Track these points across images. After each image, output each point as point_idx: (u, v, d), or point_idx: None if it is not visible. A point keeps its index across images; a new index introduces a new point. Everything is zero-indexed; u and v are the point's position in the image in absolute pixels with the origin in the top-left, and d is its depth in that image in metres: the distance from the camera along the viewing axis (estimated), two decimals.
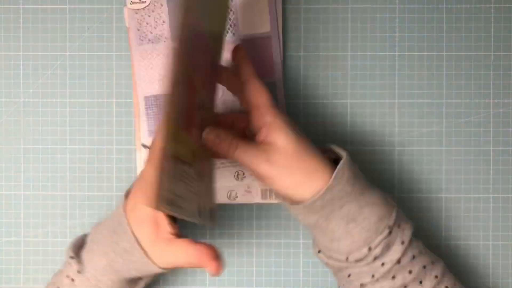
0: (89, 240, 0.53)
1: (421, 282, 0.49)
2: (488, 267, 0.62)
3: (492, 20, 0.61)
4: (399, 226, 0.50)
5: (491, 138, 0.61)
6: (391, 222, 0.49)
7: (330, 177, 0.48)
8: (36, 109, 0.62)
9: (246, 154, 0.49)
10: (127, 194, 0.52)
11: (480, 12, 0.61)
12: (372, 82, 0.61)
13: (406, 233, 0.50)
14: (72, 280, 0.51)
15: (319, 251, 0.53)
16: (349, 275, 0.51)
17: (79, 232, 0.58)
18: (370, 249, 0.49)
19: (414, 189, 0.62)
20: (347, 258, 0.50)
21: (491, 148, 0.61)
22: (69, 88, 0.62)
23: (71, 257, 0.51)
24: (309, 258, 0.62)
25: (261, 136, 0.50)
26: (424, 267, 0.50)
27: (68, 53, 0.62)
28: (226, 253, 0.62)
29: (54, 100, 0.62)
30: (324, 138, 0.62)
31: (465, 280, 0.61)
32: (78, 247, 0.53)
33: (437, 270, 0.51)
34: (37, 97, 0.62)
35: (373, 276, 0.49)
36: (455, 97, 0.62)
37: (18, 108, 0.62)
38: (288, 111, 0.61)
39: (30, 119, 0.62)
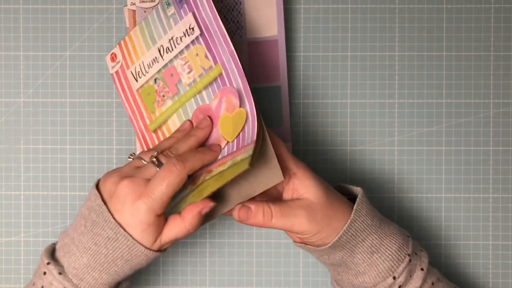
0: (62, 244, 0.51)
1: None
2: (488, 267, 0.62)
3: (492, 20, 0.61)
4: (416, 254, 0.52)
5: (491, 138, 0.61)
6: (410, 250, 0.52)
7: (350, 214, 0.50)
8: (36, 109, 0.62)
9: (284, 219, 0.50)
10: (97, 186, 0.51)
11: (480, 12, 0.61)
12: (372, 82, 0.61)
13: (423, 260, 0.52)
14: (51, 284, 0.49)
15: None
16: None
17: None
18: (394, 278, 0.51)
19: (414, 189, 0.62)
20: None
21: (491, 148, 0.61)
22: (69, 88, 0.62)
23: (48, 263, 0.49)
24: (309, 258, 0.62)
25: (289, 191, 0.51)
26: None
27: (68, 53, 0.62)
28: (226, 253, 0.62)
29: (54, 100, 0.62)
30: (324, 138, 0.62)
31: (465, 280, 0.61)
32: (52, 253, 0.51)
33: None
34: (37, 97, 0.62)
35: None
36: (455, 97, 0.62)
37: (18, 108, 0.62)
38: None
39: (30, 119, 0.62)
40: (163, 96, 0.56)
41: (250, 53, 0.59)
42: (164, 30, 0.56)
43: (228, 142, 0.53)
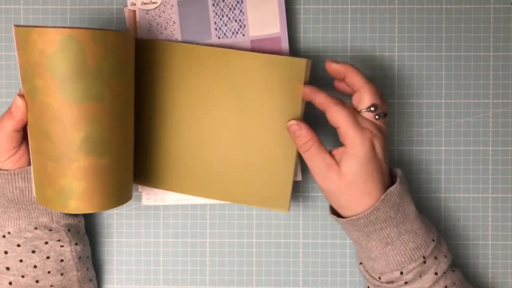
0: None
1: None
2: (487, 267, 0.62)
3: (492, 20, 0.61)
4: (435, 258, 0.52)
5: (490, 138, 0.62)
6: (427, 253, 0.52)
7: (378, 200, 0.51)
8: None
9: (312, 160, 0.51)
10: None
11: (479, 13, 0.61)
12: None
13: (441, 265, 0.52)
14: None
15: (360, 263, 0.56)
16: None
17: None
18: (402, 273, 0.51)
19: (414, 189, 0.62)
20: (379, 278, 0.52)
21: (490, 148, 0.62)
22: None
23: None
24: (309, 258, 0.62)
25: (337, 151, 0.52)
26: None
27: None
28: (226, 253, 0.62)
29: None
30: (324, 138, 0.62)
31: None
32: None
33: None
34: None
35: None
36: (454, 97, 0.62)
37: None
38: None
39: None
40: None
41: (253, 51, 0.59)
42: None
43: None
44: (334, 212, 0.56)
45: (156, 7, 0.59)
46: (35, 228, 0.54)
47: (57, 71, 0.46)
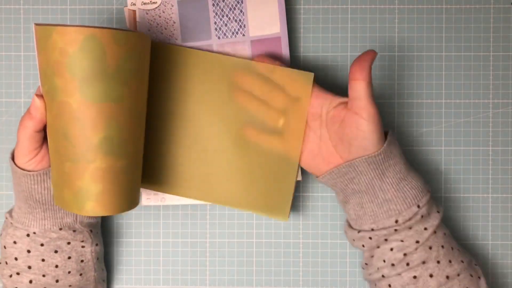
0: (13, 214, 0.56)
1: (450, 261, 0.53)
2: (487, 267, 0.62)
3: (491, 20, 0.61)
4: (432, 197, 0.55)
5: (490, 138, 0.62)
6: (430, 189, 0.55)
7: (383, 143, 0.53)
8: None
9: (368, 90, 0.52)
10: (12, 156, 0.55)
11: (479, 13, 0.61)
12: (372, 82, 0.62)
13: (439, 205, 0.55)
14: (15, 242, 0.54)
15: (359, 231, 0.55)
16: (391, 249, 0.53)
17: None
18: (419, 206, 0.53)
19: None
20: (396, 221, 0.53)
21: (490, 148, 0.62)
22: None
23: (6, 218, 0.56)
24: (309, 258, 0.62)
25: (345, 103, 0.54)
26: (452, 248, 0.54)
27: None
28: (226, 253, 0.62)
29: None
30: None
31: None
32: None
33: (464, 257, 0.54)
34: None
35: (417, 242, 0.52)
36: (454, 97, 0.62)
37: (18, 108, 0.62)
38: None
39: None
40: None
41: (253, 51, 0.59)
42: None
43: None
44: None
45: (156, 7, 0.59)
46: (60, 229, 0.54)
47: (78, 70, 0.46)
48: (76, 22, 0.62)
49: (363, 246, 0.55)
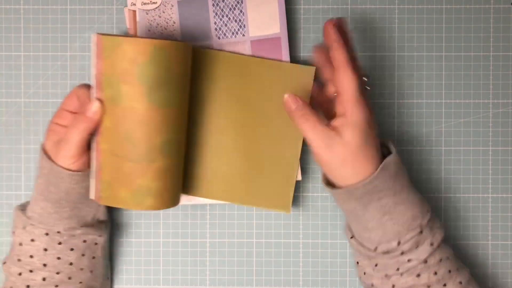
0: (28, 213, 0.56)
1: (445, 285, 0.52)
2: (487, 267, 0.62)
3: (491, 20, 0.61)
4: (431, 229, 0.52)
5: (490, 138, 0.62)
6: (423, 223, 0.52)
7: (377, 167, 0.51)
8: (37, 109, 0.62)
9: (311, 131, 0.51)
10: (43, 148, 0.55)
11: (479, 13, 0.61)
12: (372, 82, 0.62)
13: (436, 236, 0.52)
14: (16, 225, 0.55)
15: (351, 237, 0.55)
16: (376, 265, 0.53)
17: None
18: (399, 243, 0.51)
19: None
20: (375, 248, 0.52)
21: (490, 148, 0.62)
22: (70, 88, 0.62)
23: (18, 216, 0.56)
24: (309, 258, 0.62)
25: (336, 122, 0.51)
26: (450, 271, 0.52)
27: (68, 53, 0.62)
28: (226, 253, 0.62)
29: (54, 100, 0.62)
30: None
31: None
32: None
33: (462, 277, 0.53)
34: (37, 97, 0.62)
35: (398, 269, 0.51)
36: (454, 97, 0.62)
37: (19, 108, 0.62)
38: None
39: (31, 119, 0.62)
40: None
41: (253, 51, 0.59)
42: None
43: None
44: (328, 184, 0.55)
45: (156, 7, 0.59)
46: (81, 226, 0.55)
47: (147, 79, 0.50)
48: (76, 22, 0.62)
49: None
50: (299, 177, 0.60)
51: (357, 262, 0.56)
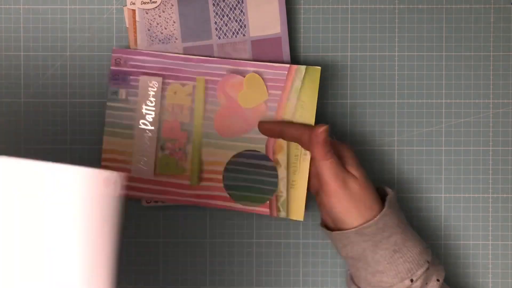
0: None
1: None
2: (487, 267, 0.62)
3: (492, 20, 0.61)
4: (434, 264, 0.53)
5: (490, 138, 0.62)
6: (429, 258, 0.52)
7: (380, 210, 0.51)
8: (37, 109, 0.62)
9: (333, 168, 0.52)
10: None
11: (479, 13, 0.61)
12: (372, 82, 0.62)
13: (440, 272, 0.53)
14: None
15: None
16: None
17: None
18: (412, 281, 0.51)
19: (414, 189, 0.62)
20: None
21: (491, 148, 0.62)
22: (69, 88, 0.62)
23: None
24: (309, 258, 0.62)
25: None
26: None
27: (68, 53, 0.62)
28: (226, 253, 0.62)
29: (54, 100, 0.62)
30: None
31: (465, 280, 0.61)
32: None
33: None
34: (37, 97, 0.62)
35: None
36: (454, 97, 0.62)
37: (18, 108, 0.62)
38: None
39: (31, 119, 0.62)
40: (180, 149, 0.58)
41: (254, 51, 0.59)
42: (130, 110, 0.58)
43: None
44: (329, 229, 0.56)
45: (156, 7, 0.59)
46: None
47: None
48: (76, 22, 0.62)
49: None
50: None
51: None
